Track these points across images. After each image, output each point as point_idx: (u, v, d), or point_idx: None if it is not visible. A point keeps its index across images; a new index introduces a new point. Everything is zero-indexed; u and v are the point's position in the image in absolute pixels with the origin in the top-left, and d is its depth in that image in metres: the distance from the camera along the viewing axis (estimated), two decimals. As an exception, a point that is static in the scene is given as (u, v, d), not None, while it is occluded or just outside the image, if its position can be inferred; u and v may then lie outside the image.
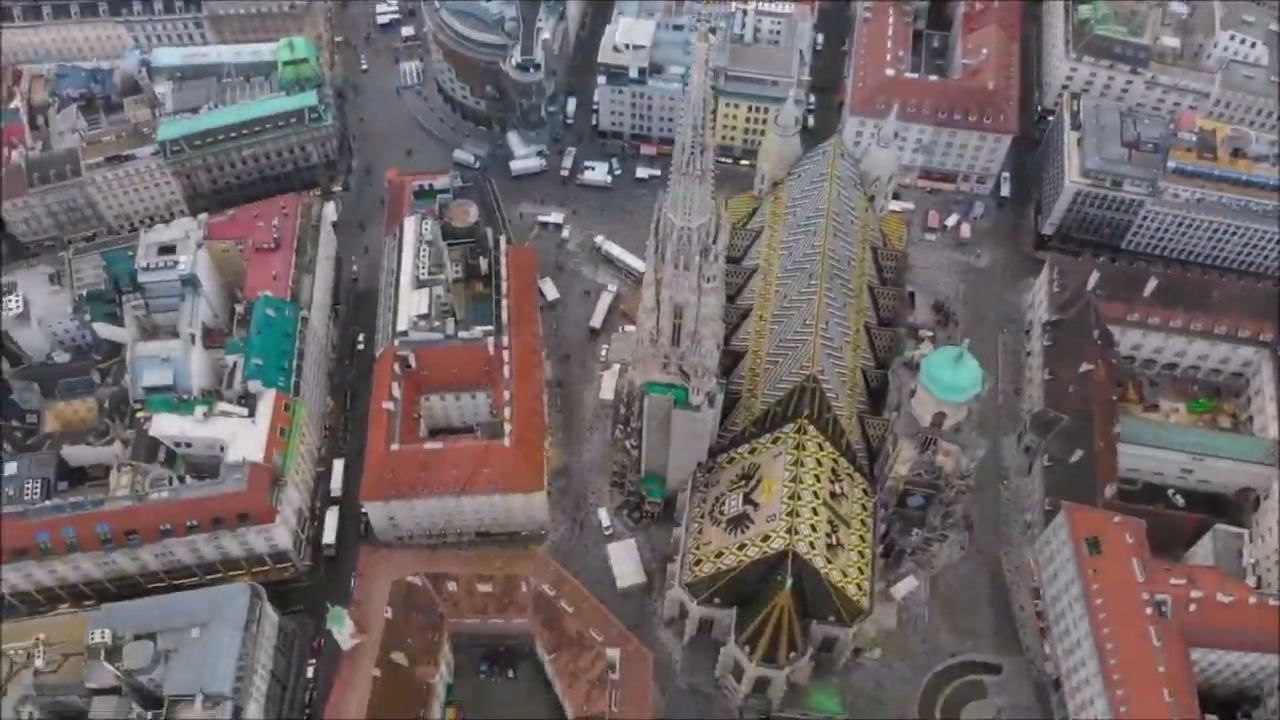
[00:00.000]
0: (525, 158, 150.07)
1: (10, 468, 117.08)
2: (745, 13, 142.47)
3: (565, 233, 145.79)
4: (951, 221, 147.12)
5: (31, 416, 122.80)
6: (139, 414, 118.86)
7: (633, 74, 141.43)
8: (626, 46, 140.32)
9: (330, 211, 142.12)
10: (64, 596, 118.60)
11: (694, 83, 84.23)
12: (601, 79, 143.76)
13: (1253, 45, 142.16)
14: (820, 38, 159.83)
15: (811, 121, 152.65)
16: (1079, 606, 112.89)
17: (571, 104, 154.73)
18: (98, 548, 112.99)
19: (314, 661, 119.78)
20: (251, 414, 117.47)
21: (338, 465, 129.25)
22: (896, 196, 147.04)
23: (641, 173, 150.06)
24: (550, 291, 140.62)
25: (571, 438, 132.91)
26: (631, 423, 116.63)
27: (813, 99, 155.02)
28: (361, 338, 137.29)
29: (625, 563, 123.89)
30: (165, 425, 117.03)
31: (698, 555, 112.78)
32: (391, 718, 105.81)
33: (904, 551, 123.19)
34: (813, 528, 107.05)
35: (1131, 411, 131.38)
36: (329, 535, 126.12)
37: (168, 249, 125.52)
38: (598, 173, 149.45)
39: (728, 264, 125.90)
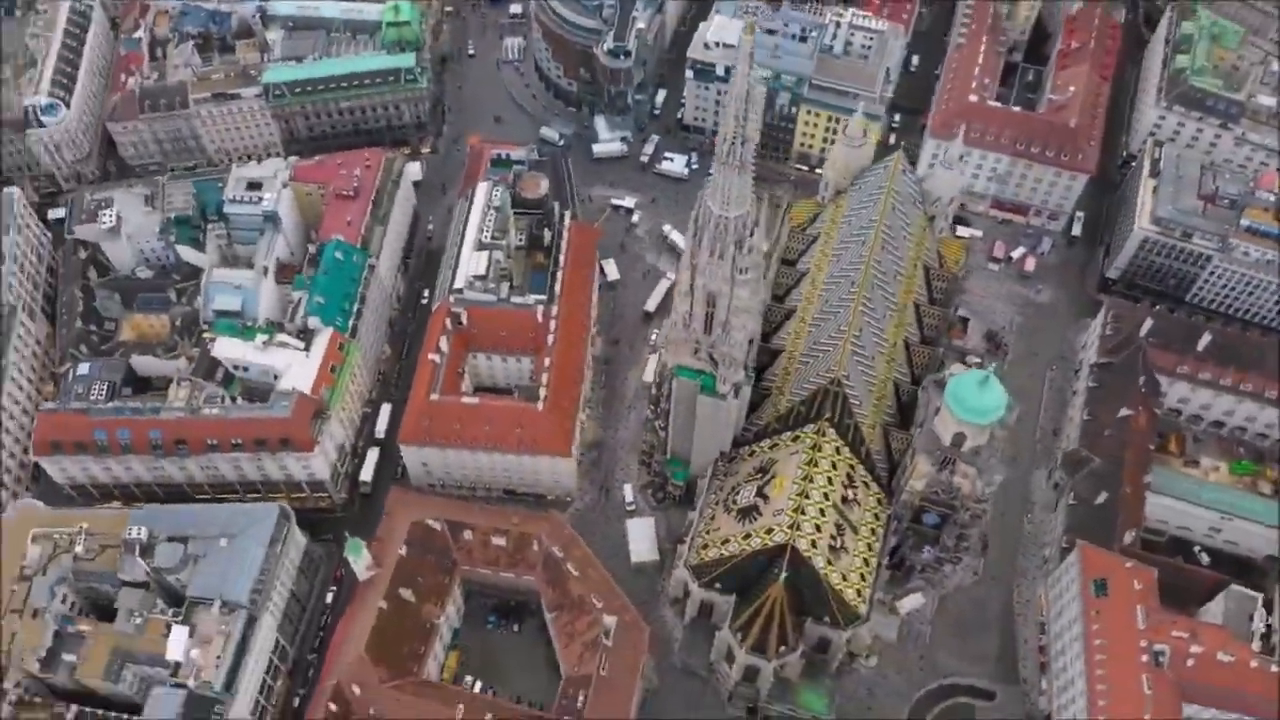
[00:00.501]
0: (608, 141, 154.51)
1: (83, 368, 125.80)
2: (839, 25, 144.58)
3: (635, 218, 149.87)
4: (1017, 254, 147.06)
5: (110, 324, 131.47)
6: (206, 334, 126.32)
7: (719, 72, 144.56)
8: (716, 44, 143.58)
9: (415, 170, 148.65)
10: (116, 495, 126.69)
11: (738, 75, 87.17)
12: (690, 74, 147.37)
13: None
14: (915, 59, 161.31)
15: (893, 140, 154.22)
16: (1078, 645, 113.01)
17: (661, 95, 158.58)
18: (149, 452, 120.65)
19: (335, 589, 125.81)
20: (307, 348, 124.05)
21: (385, 409, 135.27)
22: (966, 223, 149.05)
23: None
24: (612, 272, 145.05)
25: (610, 414, 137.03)
26: (662, 404, 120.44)
27: (898, 118, 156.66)
28: (427, 293, 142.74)
29: (641, 539, 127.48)
30: (227, 348, 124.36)
31: (706, 540, 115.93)
32: (391, 649, 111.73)
33: (914, 567, 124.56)
34: (817, 527, 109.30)
35: (1170, 464, 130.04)
36: (367, 473, 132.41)
37: (255, 185, 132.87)
38: (676, 164, 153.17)
39: (783, 265, 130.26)
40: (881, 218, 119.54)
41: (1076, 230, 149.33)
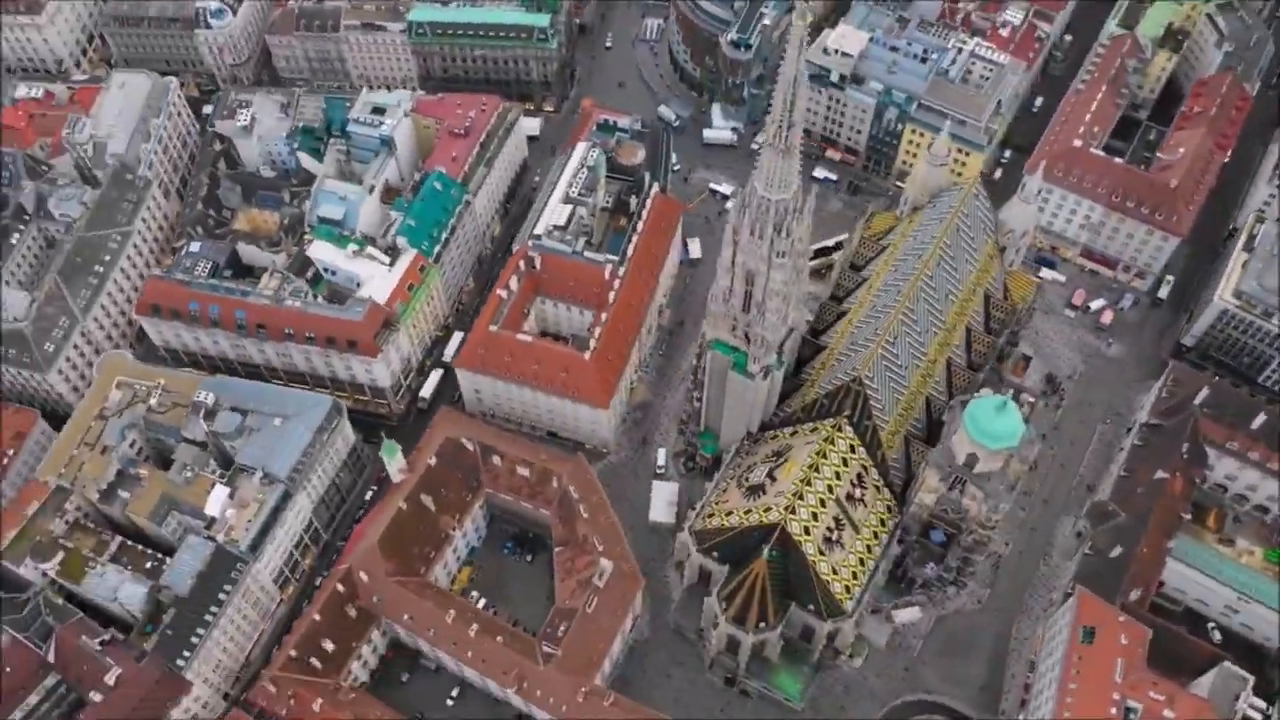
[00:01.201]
0: (719, 129, 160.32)
1: (194, 246, 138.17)
2: (960, 51, 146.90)
3: (729, 204, 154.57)
4: (1097, 304, 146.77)
5: (227, 212, 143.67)
6: (306, 236, 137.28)
7: (834, 78, 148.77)
8: (835, 52, 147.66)
9: (533, 125, 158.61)
10: (203, 365, 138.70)
11: (788, 60, 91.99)
12: (805, 76, 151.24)
13: None
14: (1040, 100, 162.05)
15: (999, 174, 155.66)
16: (1054, 687, 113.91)
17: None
18: (234, 330, 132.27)
19: (376, 488, 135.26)
20: (391, 264, 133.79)
21: (457, 336, 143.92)
22: (1052, 265, 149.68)
23: (819, 173, 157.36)
24: (695, 250, 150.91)
25: (664, 381, 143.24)
26: (698, 375, 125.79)
27: (1008, 154, 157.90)
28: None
29: (662, 501, 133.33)
30: (321, 251, 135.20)
31: (713, 509, 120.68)
32: (403, 548, 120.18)
33: (915, 580, 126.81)
34: (814, 515, 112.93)
35: (1203, 537, 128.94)
36: (427, 391, 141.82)
37: (379, 110, 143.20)
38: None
39: (850, 270, 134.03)
40: (942, 235, 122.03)
41: (1163, 293, 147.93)
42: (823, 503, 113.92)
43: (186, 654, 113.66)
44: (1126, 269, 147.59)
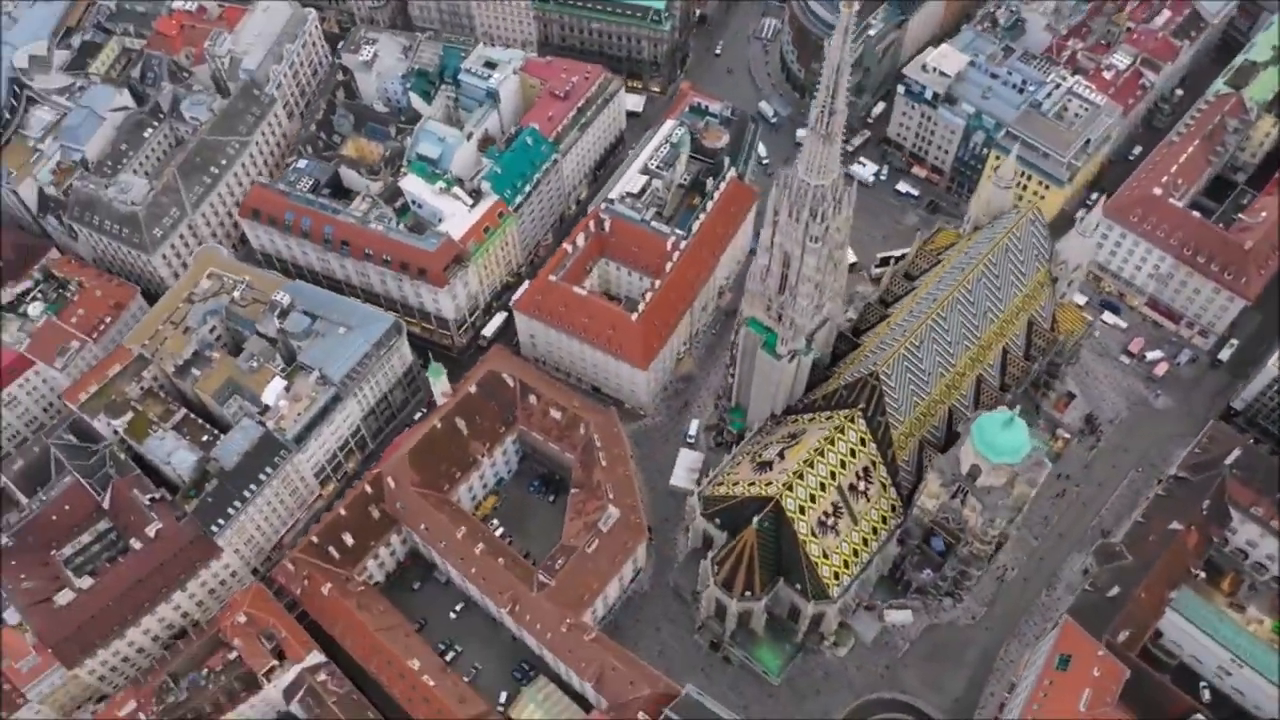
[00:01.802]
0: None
1: (301, 163, 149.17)
2: (1058, 87, 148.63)
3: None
4: (1153, 355, 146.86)
5: (337, 138, 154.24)
6: (403, 169, 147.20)
7: (927, 95, 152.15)
8: (933, 69, 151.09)
9: (635, 102, 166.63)
10: (291, 273, 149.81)
11: (833, 47, 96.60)
12: (901, 90, 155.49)
13: None
14: (1138, 149, 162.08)
15: (1081, 214, 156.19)
16: (1021, 708, 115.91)
17: (879, 107, 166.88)
18: (320, 243, 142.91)
19: (425, 410, 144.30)
20: (473, 206, 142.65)
21: (526, 285, 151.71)
22: (1115, 311, 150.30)
23: (903, 187, 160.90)
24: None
25: (712, 358, 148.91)
26: (733, 351, 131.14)
27: (1094, 196, 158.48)
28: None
29: (684, 468, 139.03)
30: (412, 185, 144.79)
31: (722, 479, 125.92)
32: (431, 464, 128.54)
33: (910, 584, 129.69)
34: (811, 498, 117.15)
35: (1212, 598, 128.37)
36: (489, 330, 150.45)
37: (490, 64, 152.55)
38: (865, 170, 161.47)
39: (905, 280, 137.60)
40: (988, 254, 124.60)
41: (1224, 355, 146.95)
42: (823, 486, 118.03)
43: (221, 522, 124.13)
44: (1190, 325, 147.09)
